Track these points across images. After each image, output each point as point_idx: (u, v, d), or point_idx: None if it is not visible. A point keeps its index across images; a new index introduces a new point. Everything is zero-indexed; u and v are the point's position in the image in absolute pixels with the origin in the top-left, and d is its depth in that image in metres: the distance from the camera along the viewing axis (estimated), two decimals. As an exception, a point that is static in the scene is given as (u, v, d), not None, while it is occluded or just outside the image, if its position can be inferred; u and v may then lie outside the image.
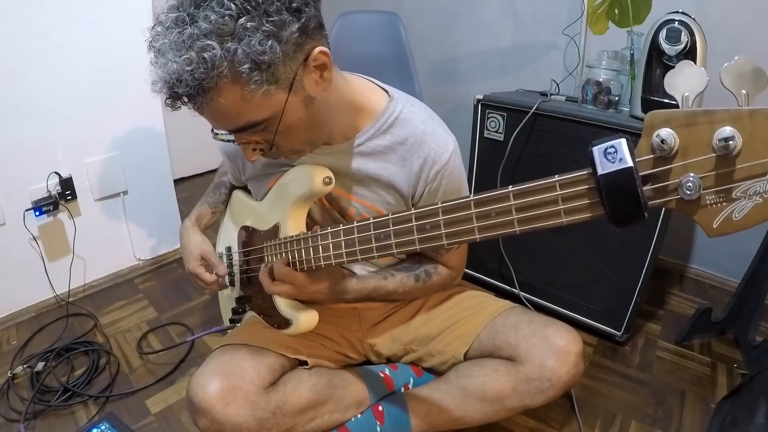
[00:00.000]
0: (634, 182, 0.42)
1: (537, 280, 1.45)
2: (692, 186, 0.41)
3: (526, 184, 0.50)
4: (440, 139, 0.84)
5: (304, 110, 0.69)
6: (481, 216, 0.53)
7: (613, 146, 0.43)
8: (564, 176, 0.47)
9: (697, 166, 0.42)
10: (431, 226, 0.58)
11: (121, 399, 1.19)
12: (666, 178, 0.43)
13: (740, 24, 1.40)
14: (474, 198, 0.54)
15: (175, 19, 0.60)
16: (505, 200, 0.51)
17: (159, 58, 0.61)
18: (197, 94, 0.61)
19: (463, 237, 0.55)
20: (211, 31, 0.58)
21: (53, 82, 1.34)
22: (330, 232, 0.72)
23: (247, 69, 0.60)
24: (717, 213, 0.42)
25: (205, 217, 1.07)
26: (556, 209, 0.48)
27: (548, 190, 0.48)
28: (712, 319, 1.37)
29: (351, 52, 1.78)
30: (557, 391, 0.85)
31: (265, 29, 0.59)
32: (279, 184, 0.89)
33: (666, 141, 0.42)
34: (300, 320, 0.84)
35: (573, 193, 0.47)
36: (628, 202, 0.43)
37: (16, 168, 1.34)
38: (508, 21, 1.88)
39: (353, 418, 0.94)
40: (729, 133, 0.39)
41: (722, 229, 0.42)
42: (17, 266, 1.41)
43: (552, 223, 0.48)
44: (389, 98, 0.84)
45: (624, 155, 0.43)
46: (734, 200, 0.41)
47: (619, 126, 1.18)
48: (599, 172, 0.44)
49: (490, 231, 0.53)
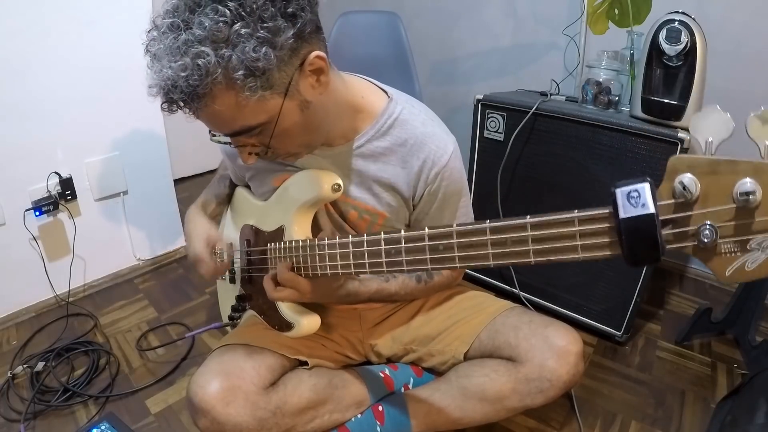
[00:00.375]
0: (655, 228, 0.43)
1: (537, 280, 1.45)
2: (710, 234, 0.42)
3: (545, 217, 0.50)
4: (440, 140, 0.83)
5: (300, 114, 0.69)
6: (497, 243, 0.53)
7: (636, 190, 0.43)
8: (584, 212, 0.48)
9: (715, 215, 0.42)
10: (444, 247, 0.57)
11: (121, 399, 1.19)
12: (685, 224, 0.44)
13: (740, 24, 1.40)
14: (490, 225, 0.53)
15: (171, 24, 0.60)
16: (522, 230, 0.51)
17: (155, 63, 0.61)
18: (192, 100, 0.61)
19: (477, 262, 0.55)
20: (205, 37, 0.58)
21: (53, 82, 1.34)
22: (338, 242, 0.71)
23: (242, 75, 0.60)
24: (731, 262, 0.42)
25: (210, 205, 1.06)
26: (574, 244, 0.48)
27: (567, 225, 0.48)
28: (712, 319, 1.37)
29: (351, 52, 1.78)
30: (557, 392, 0.85)
31: (259, 35, 0.59)
32: (285, 186, 0.89)
33: (688, 188, 0.42)
34: (302, 324, 0.84)
35: (592, 230, 0.47)
36: (647, 246, 0.44)
37: (16, 168, 1.34)
38: (508, 21, 1.88)
39: (353, 418, 0.94)
40: (750, 188, 0.39)
41: (734, 278, 0.43)
42: (17, 266, 1.41)
43: (568, 258, 0.49)
44: (388, 99, 0.84)
45: (647, 201, 0.43)
46: (748, 251, 0.41)
47: (619, 126, 1.18)
48: (621, 216, 0.44)
49: (505, 258, 0.53)
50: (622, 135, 1.18)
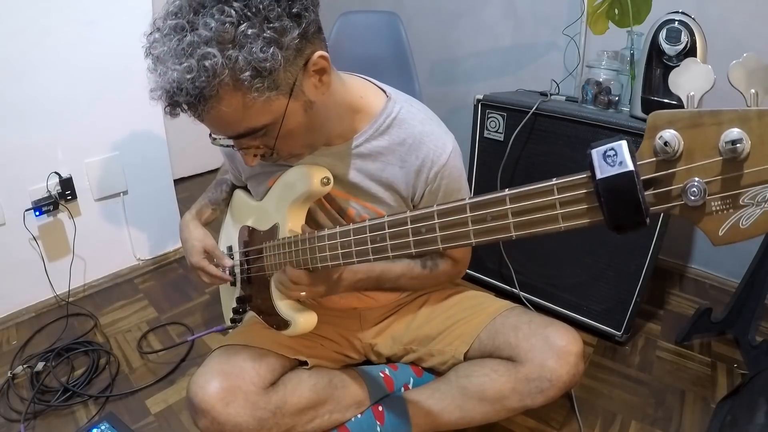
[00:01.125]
0: (635, 187, 0.40)
1: (537, 280, 1.45)
2: (697, 191, 0.39)
3: (523, 188, 0.48)
4: (438, 139, 0.83)
5: (304, 115, 0.69)
6: (477, 220, 0.52)
7: (612, 148, 0.41)
8: (562, 180, 0.45)
9: (702, 170, 0.39)
10: (426, 229, 0.56)
11: (121, 399, 1.19)
12: (669, 182, 0.41)
13: (740, 24, 1.40)
14: (470, 201, 0.52)
15: (174, 26, 0.59)
16: (501, 204, 0.50)
17: (158, 66, 0.60)
18: (198, 102, 0.60)
19: (459, 241, 0.54)
20: (211, 38, 0.57)
21: (53, 82, 1.34)
22: (327, 234, 0.71)
23: (249, 76, 0.59)
24: (723, 220, 0.39)
25: (205, 212, 1.07)
26: (554, 214, 0.46)
27: (546, 194, 0.46)
28: (712, 319, 1.37)
29: (351, 52, 1.78)
30: (557, 392, 0.85)
31: (266, 36, 0.59)
32: (278, 184, 0.89)
33: (669, 143, 0.39)
34: (298, 322, 0.84)
35: (571, 197, 0.45)
36: (629, 208, 0.41)
37: (16, 168, 1.34)
38: (508, 21, 1.88)
39: (353, 418, 0.94)
40: (737, 136, 0.37)
41: (728, 237, 0.39)
42: (17, 266, 1.41)
43: (549, 229, 0.47)
44: (387, 98, 0.84)
45: (624, 158, 0.40)
46: (741, 207, 0.38)
47: (619, 126, 1.18)
48: (598, 176, 0.41)
49: (487, 236, 0.51)
50: (622, 135, 1.18)
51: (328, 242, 0.71)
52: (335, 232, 0.70)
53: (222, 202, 1.10)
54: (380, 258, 0.64)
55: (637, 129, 1.15)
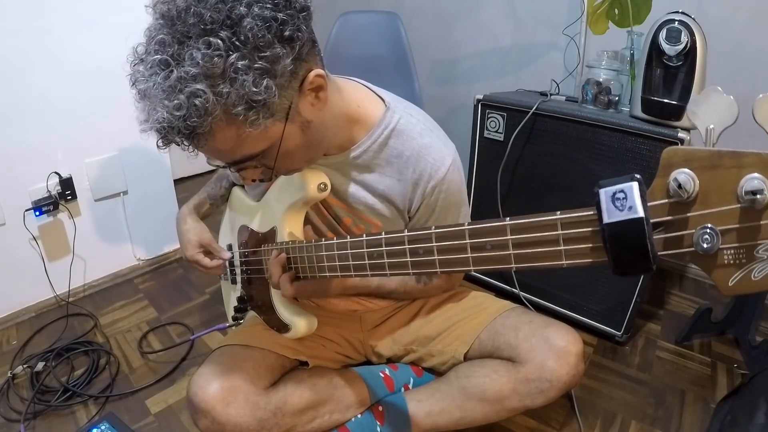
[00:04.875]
0: (644, 235, 0.37)
1: (537, 280, 1.45)
2: (710, 239, 0.36)
3: (526, 219, 0.45)
4: (437, 152, 0.81)
5: (302, 135, 0.67)
6: (476, 247, 0.49)
7: (623, 190, 0.38)
8: (567, 215, 0.43)
9: (717, 217, 0.36)
10: (424, 251, 0.54)
11: (121, 399, 1.19)
12: (681, 227, 0.38)
13: (740, 24, 1.40)
14: (468, 227, 0.50)
15: (159, 61, 0.55)
16: (501, 233, 0.47)
17: (145, 102, 0.57)
18: (191, 139, 0.58)
19: (457, 267, 0.51)
20: (199, 73, 0.53)
21: (53, 83, 1.34)
22: (324, 244, 0.70)
23: (242, 110, 0.56)
24: (734, 271, 0.37)
25: (203, 206, 1.06)
26: (557, 250, 0.43)
27: (549, 228, 0.44)
28: (712, 319, 1.37)
29: (351, 53, 1.78)
30: (557, 392, 0.84)
31: (257, 66, 0.55)
32: (274, 187, 0.89)
33: (684, 187, 0.36)
34: (299, 325, 0.84)
35: (575, 234, 0.42)
36: (636, 255, 0.38)
37: (16, 168, 1.34)
38: (508, 21, 1.88)
39: (353, 418, 0.94)
40: (758, 186, 0.33)
41: (739, 289, 0.37)
42: (17, 266, 1.41)
43: (551, 264, 0.44)
44: (385, 108, 0.81)
45: (635, 203, 0.37)
46: (755, 259, 0.35)
47: (619, 126, 1.18)
48: (605, 220, 0.39)
49: (486, 264, 0.49)
50: (622, 135, 1.18)
51: (325, 252, 0.70)
52: (332, 243, 0.68)
53: (220, 199, 1.10)
54: (378, 275, 0.63)
55: (637, 129, 1.15)
